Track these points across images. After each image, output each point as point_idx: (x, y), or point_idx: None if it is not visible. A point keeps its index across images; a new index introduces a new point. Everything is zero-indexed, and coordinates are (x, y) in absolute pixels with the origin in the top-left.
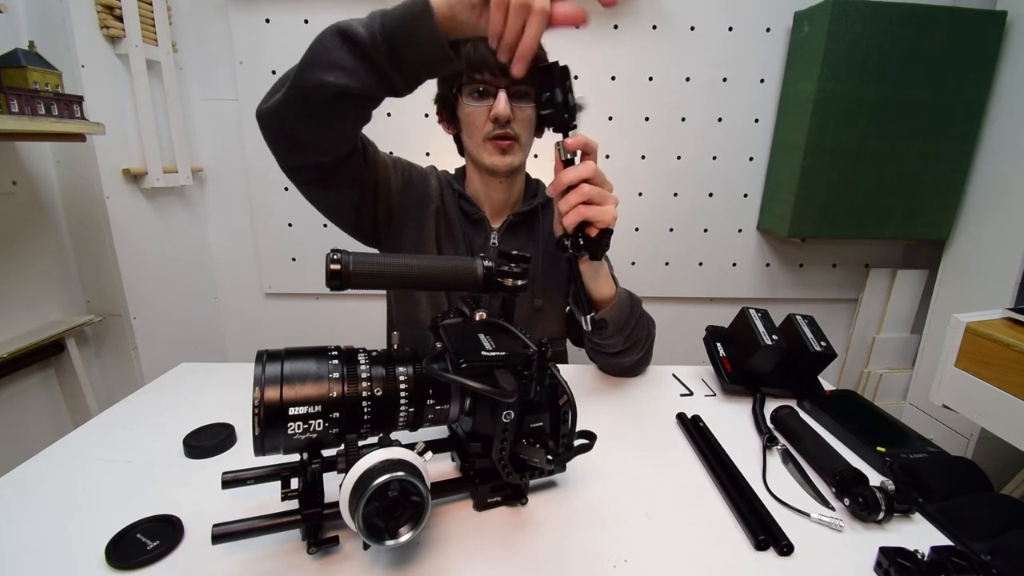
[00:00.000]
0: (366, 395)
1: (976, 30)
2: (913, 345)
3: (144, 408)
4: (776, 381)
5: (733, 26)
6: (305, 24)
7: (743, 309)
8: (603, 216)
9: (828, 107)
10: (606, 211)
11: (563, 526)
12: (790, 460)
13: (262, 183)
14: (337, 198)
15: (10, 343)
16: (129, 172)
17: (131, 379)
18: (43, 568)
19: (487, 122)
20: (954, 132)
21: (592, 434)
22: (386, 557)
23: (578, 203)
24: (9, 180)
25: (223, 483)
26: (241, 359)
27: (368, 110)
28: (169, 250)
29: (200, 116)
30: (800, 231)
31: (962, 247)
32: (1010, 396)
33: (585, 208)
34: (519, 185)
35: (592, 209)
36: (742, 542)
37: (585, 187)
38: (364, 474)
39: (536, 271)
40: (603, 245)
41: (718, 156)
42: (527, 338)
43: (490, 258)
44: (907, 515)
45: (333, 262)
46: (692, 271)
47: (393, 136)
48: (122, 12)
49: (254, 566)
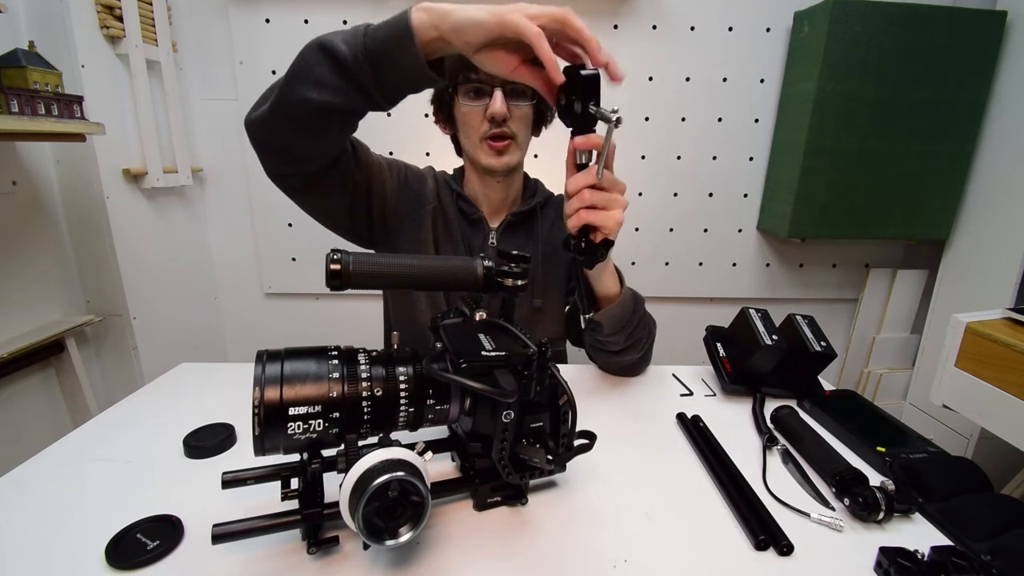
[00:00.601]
0: (366, 395)
1: (976, 30)
2: (913, 345)
3: (144, 408)
4: (776, 381)
5: (733, 26)
6: (305, 24)
7: (743, 309)
8: (605, 222)
9: (828, 107)
10: (609, 216)
11: (563, 526)
12: (790, 460)
13: (262, 183)
14: (327, 203)
15: (10, 343)
16: (129, 172)
17: (131, 379)
18: (43, 568)
19: (483, 121)
20: (954, 132)
21: (592, 434)
22: (386, 557)
23: (580, 208)
24: (9, 180)
25: (223, 483)
26: (241, 359)
27: (354, 122)
28: (169, 250)
29: (200, 116)
30: (800, 231)
31: (962, 247)
32: (1010, 396)
33: (587, 213)
34: (517, 184)
35: (595, 215)
36: (742, 542)
37: (587, 193)
38: (364, 474)
39: (536, 271)
40: (597, 255)
41: (718, 156)
42: (527, 338)
43: (490, 258)
44: (907, 515)
45: (333, 262)
46: (692, 271)
47: (393, 136)
48: (122, 12)
49: (254, 566)
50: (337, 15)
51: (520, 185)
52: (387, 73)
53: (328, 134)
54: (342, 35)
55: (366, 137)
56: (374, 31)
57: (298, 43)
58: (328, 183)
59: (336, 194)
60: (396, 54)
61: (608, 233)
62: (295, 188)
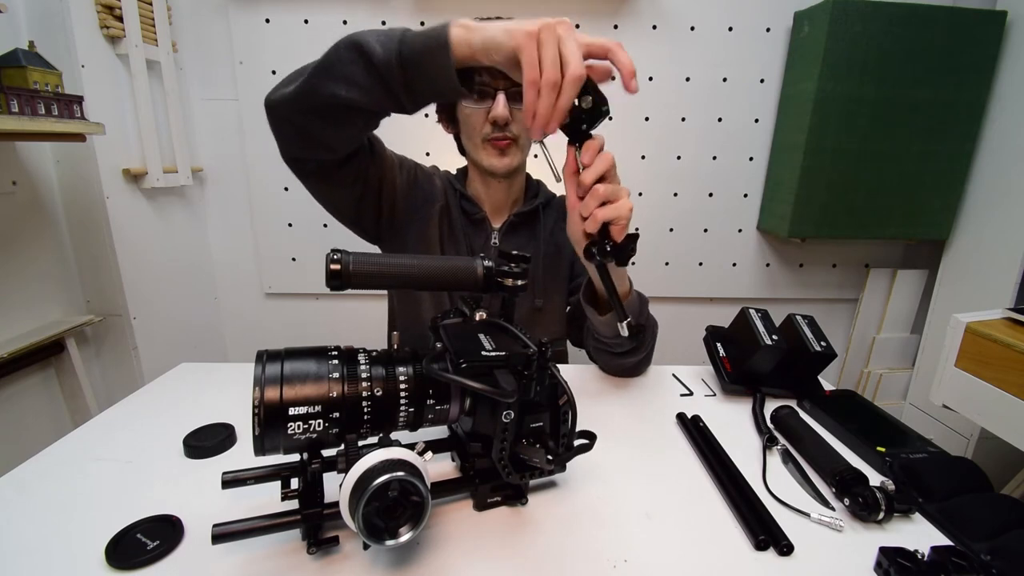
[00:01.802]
0: (366, 395)
1: (976, 30)
2: (913, 345)
3: (144, 408)
4: (776, 381)
5: (733, 26)
6: (305, 24)
7: (743, 309)
8: (620, 212)
9: (828, 107)
10: (622, 206)
11: (563, 526)
12: (790, 460)
13: (262, 183)
14: (338, 194)
15: (10, 343)
16: (129, 172)
17: (131, 379)
18: (43, 568)
19: (486, 123)
20: (954, 132)
21: (592, 434)
22: (386, 557)
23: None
24: (9, 180)
25: (223, 483)
26: (241, 359)
27: (376, 121)
28: (169, 250)
29: (200, 116)
30: (800, 231)
31: (962, 247)
32: (1010, 396)
33: (601, 210)
34: (519, 185)
35: (609, 209)
36: (742, 542)
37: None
38: (364, 474)
39: (536, 271)
40: (630, 250)
41: (718, 156)
42: (527, 338)
43: (490, 258)
44: (907, 515)
45: (333, 262)
46: (692, 271)
47: (393, 136)
48: (122, 12)
49: (254, 566)
50: (337, 15)
51: (522, 186)
52: (418, 81)
53: (349, 128)
54: (377, 35)
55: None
56: (412, 38)
57: (298, 43)
58: (342, 174)
59: (347, 187)
60: (429, 64)
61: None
62: (308, 172)
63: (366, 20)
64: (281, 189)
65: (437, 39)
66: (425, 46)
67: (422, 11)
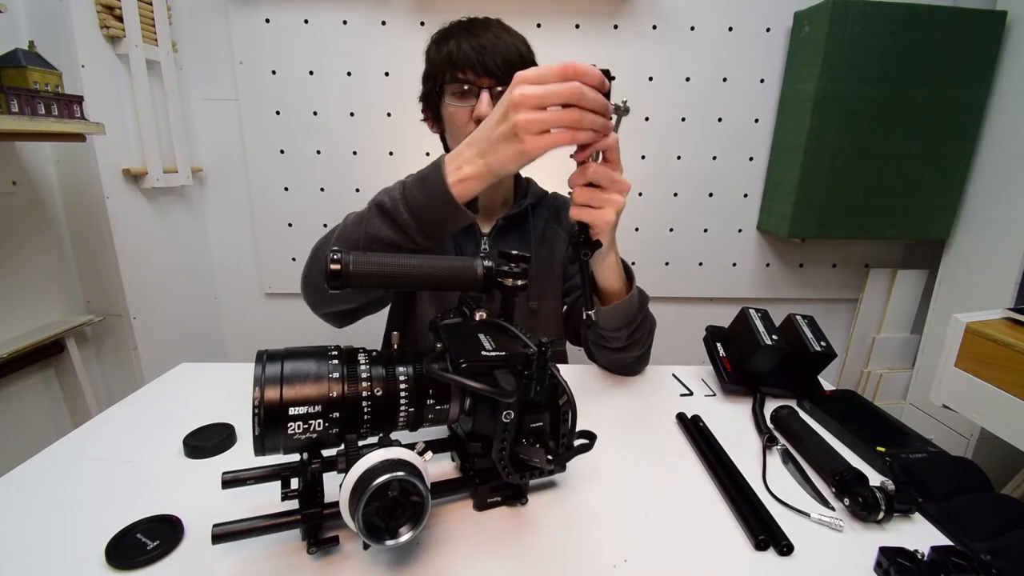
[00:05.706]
0: (366, 395)
1: (976, 30)
2: (913, 345)
3: (144, 408)
4: (776, 381)
5: (733, 26)
6: (305, 24)
7: (743, 309)
8: (595, 221)
9: (828, 107)
10: (599, 215)
11: (563, 526)
12: (790, 460)
13: (262, 183)
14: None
15: (10, 343)
16: (129, 172)
17: (131, 379)
18: (43, 568)
19: (470, 122)
20: (954, 132)
21: (592, 434)
22: (386, 557)
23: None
24: (9, 180)
25: (223, 483)
26: (241, 359)
27: None
28: (169, 250)
29: (200, 116)
30: (800, 231)
31: (962, 247)
32: (1010, 396)
33: (576, 210)
34: (507, 185)
35: (586, 212)
36: (742, 542)
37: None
38: (364, 474)
39: (530, 274)
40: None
41: (718, 156)
42: (527, 338)
43: (490, 258)
44: (907, 515)
45: (333, 262)
46: (692, 271)
47: (393, 136)
48: (122, 12)
49: (254, 566)
50: (337, 15)
51: (510, 186)
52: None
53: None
54: (392, 204)
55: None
56: (421, 207)
57: (298, 43)
58: (366, 307)
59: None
60: (445, 218)
61: (598, 232)
62: (346, 315)
63: (366, 20)
64: (281, 189)
65: (441, 195)
66: (434, 204)
67: (422, 11)
